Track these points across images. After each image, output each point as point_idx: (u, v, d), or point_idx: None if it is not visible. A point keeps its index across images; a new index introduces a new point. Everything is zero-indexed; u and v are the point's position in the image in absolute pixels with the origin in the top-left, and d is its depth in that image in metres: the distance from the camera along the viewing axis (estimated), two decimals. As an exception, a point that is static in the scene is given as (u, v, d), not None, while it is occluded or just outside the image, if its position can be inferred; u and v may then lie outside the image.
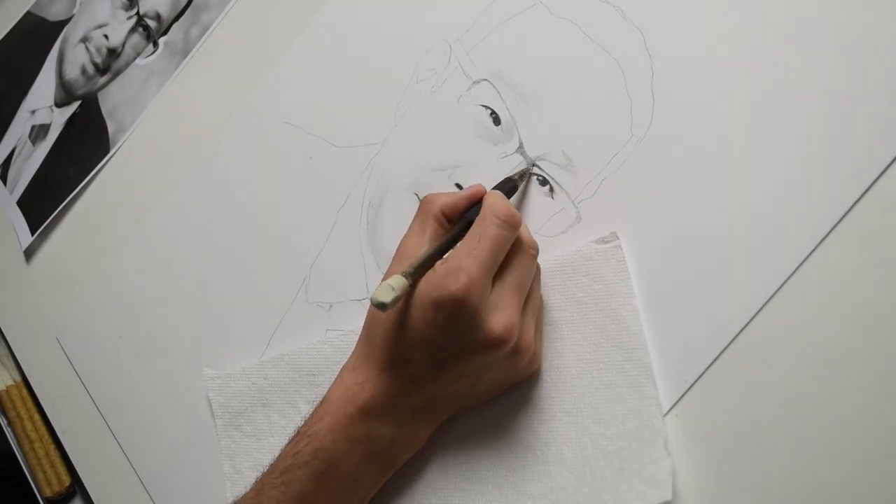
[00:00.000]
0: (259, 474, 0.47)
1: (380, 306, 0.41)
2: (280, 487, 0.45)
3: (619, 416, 0.45)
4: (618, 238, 0.48)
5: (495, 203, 0.45)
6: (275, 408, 0.56)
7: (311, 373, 0.55)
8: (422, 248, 0.46)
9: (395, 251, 0.47)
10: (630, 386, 0.45)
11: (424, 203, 0.48)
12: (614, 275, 0.47)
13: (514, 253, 0.45)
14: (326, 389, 0.47)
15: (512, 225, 0.44)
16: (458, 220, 0.48)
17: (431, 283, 0.43)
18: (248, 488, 0.47)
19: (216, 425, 0.57)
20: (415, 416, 0.46)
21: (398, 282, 0.42)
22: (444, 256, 0.45)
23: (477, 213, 0.46)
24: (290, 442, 0.46)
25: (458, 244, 0.45)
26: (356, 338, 0.54)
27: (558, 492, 0.45)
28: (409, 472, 0.49)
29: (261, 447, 0.55)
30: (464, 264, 0.42)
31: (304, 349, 0.55)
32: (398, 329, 0.45)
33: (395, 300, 0.41)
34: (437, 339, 0.43)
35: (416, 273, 0.43)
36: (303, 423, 0.47)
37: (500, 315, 0.43)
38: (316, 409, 0.47)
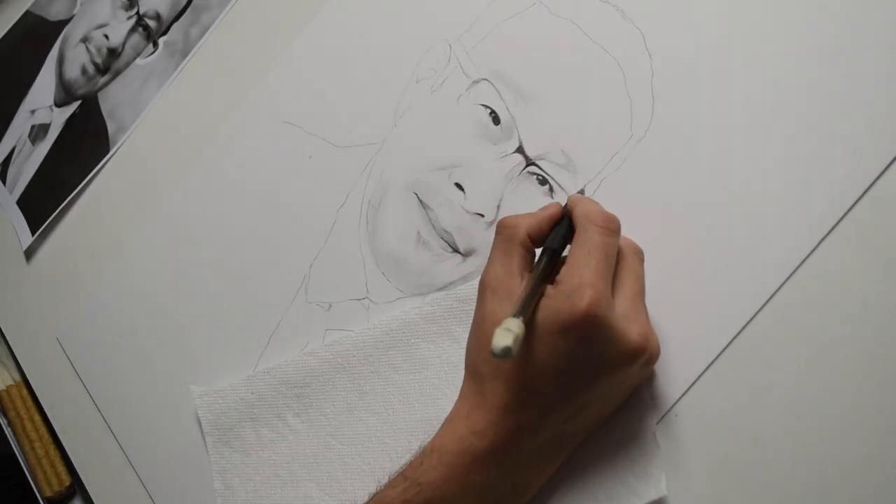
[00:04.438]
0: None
1: (504, 354, 0.36)
2: None
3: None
4: None
5: (589, 211, 0.43)
6: (263, 422, 0.55)
7: (298, 385, 0.55)
8: (512, 277, 0.43)
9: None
10: None
11: (505, 228, 0.44)
12: None
13: (621, 260, 0.43)
14: (314, 400, 0.45)
15: (614, 230, 0.43)
16: (541, 242, 0.45)
17: (554, 309, 0.40)
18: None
19: (206, 442, 0.57)
20: (540, 456, 0.43)
21: (514, 324, 0.37)
22: (556, 280, 0.42)
23: (557, 240, 0.44)
24: (391, 486, 0.44)
25: (568, 262, 0.42)
26: (341, 349, 0.54)
27: (552, 492, 0.45)
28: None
29: (250, 462, 0.55)
30: (584, 280, 0.40)
31: (291, 362, 0.55)
32: (517, 367, 0.41)
33: (518, 344, 0.37)
34: (569, 365, 0.40)
35: (525, 310, 0.39)
36: (407, 467, 0.44)
37: (634, 324, 0.41)
38: (424, 455, 0.43)
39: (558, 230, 0.45)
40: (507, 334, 0.37)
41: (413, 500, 0.42)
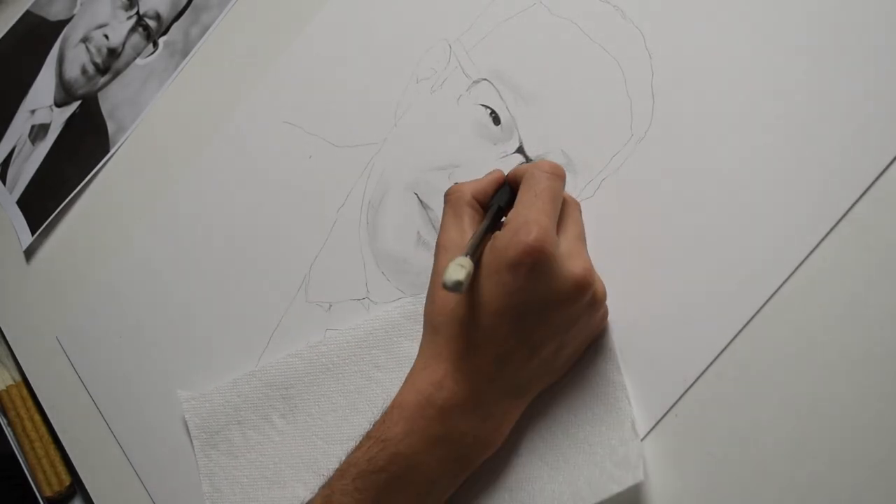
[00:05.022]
0: (322, 480, 0.45)
1: (455, 286, 0.38)
2: (353, 494, 0.43)
3: (586, 403, 0.46)
4: None
5: (537, 162, 0.45)
6: (249, 424, 0.56)
7: (283, 387, 0.55)
8: (463, 235, 0.45)
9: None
10: (595, 372, 0.46)
11: (452, 193, 0.47)
12: None
13: (563, 207, 0.45)
14: (299, 401, 0.46)
15: (560, 175, 0.45)
16: (486, 206, 0.47)
17: (501, 247, 0.41)
18: (312, 494, 0.45)
19: (194, 446, 0.57)
20: (499, 405, 0.44)
21: (464, 261, 0.39)
22: (503, 222, 0.43)
23: (503, 198, 0.46)
24: (358, 447, 0.44)
25: (516, 205, 0.43)
26: (325, 349, 0.54)
27: (534, 482, 0.46)
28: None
29: (238, 464, 0.55)
30: (530, 217, 0.41)
31: (276, 364, 0.56)
32: (469, 311, 0.42)
33: (468, 278, 0.39)
34: (519, 302, 0.41)
35: (474, 253, 0.41)
36: (372, 427, 0.44)
37: (576, 260, 0.42)
38: (386, 414, 0.44)
39: (504, 191, 0.46)
40: (459, 269, 0.38)
41: (377, 457, 0.43)
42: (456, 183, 0.47)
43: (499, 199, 0.46)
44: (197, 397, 0.58)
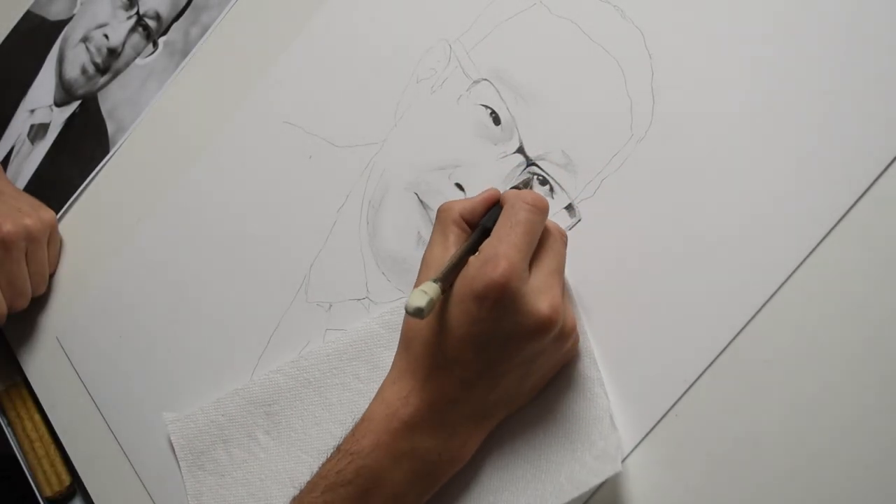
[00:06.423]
0: (295, 492, 0.45)
1: (416, 313, 0.39)
2: None
3: (565, 400, 0.46)
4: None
5: (520, 192, 0.45)
6: (234, 442, 0.56)
7: (266, 403, 0.55)
8: (447, 254, 0.45)
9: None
10: (573, 369, 0.46)
11: (442, 211, 0.47)
12: None
13: (545, 239, 0.45)
14: (283, 417, 0.46)
15: (541, 208, 0.44)
16: (476, 225, 0.47)
17: (469, 276, 0.42)
18: None
19: (180, 467, 0.57)
20: (464, 426, 0.45)
21: (430, 287, 0.40)
22: (478, 250, 0.44)
23: (492, 219, 0.46)
24: (329, 459, 0.45)
25: (491, 235, 0.44)
26: (307, 364, 0.54)
27: (517, 482, 0.46)
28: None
29: (224, 483, 0.56)
30: (500, 251, 0.42)
31: (258, 381, 0.56)
32: (439, 333, 0.43)
33: (431, 305, 0.40)
34: (483, 332, 0.42)
35: (446, 278, 0.42)
36: (342, 441, 0.45)
37: (544, 297, 0.42)
38: (356, 427, 0.45)
39: (494, 212, 0.46)
40: (422, 296, 0.39)
41: (346, 470, 0.44)
42: (447, 201, 0.47)
43: (487, 220, 0.46)
44: (182, 418, 0.58)
